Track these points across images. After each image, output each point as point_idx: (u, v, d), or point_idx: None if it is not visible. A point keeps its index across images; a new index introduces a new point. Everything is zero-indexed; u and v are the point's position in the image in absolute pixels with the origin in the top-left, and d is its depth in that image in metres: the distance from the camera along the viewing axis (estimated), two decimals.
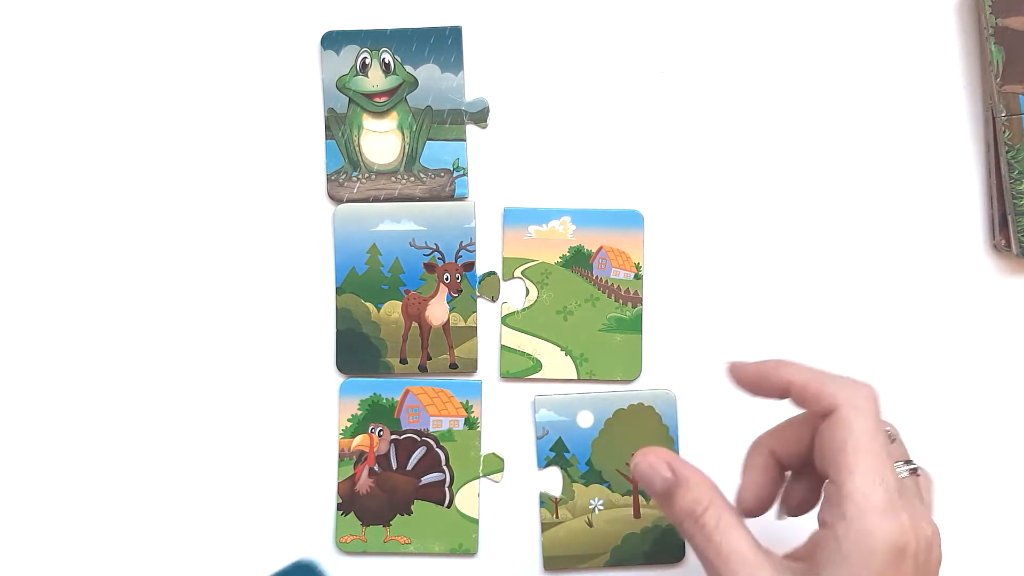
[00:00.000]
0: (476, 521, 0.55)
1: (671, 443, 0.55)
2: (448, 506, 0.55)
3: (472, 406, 0.55)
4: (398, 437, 0.55)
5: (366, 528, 0.55)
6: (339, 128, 0.55)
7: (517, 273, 0.56)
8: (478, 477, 0.55)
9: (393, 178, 0.56)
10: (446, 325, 0.56)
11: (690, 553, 0.55)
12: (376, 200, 0.56)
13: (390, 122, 0.56)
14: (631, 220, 0.56)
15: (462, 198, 0.56)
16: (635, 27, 0.56)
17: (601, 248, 0.56)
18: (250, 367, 0.56)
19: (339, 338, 0.56)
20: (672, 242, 0.56)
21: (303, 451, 0.56)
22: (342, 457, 0.55)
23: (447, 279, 0.56)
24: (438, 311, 0.56)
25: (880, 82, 0.56)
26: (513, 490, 0.56)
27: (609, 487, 0.55)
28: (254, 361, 0.56)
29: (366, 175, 0.56)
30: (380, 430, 0.55)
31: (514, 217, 0.56)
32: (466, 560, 0.55)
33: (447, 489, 0.55)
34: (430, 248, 0.56)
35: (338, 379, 0.56)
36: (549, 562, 0.55)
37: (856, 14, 0.57)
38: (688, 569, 0.55)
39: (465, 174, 0.56)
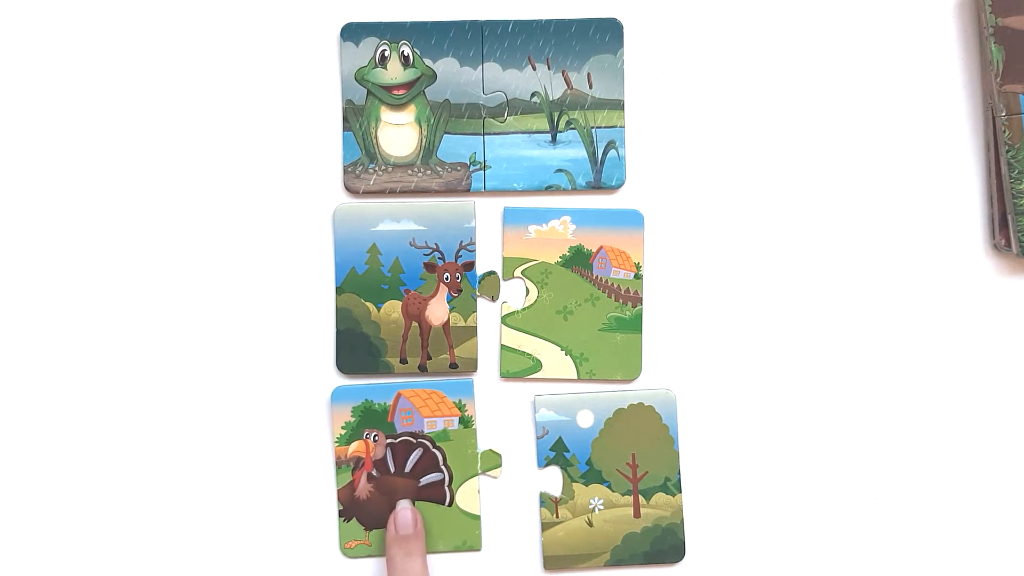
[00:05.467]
0: (478, 517, 0.55)
1: (671, 443, 0.55)
2: (449, 505, 0.55)
3: (466, 405, 0.55)
4: (394, 440, 0.55)
5: (369, 532, 0.55)
6: (356, 120, 0.55)
7: (517, 273, 0.56)
8: (477, 474, 0.55)
9: (410, 171, 0.56)
10: (446, 325, 0.56)
11: (690, 553, 0.55)
12: (392, 192, 0.56)
13: (408, 115, 0.56)
14: (631, 220, 0.56)
15: (479, 192, 0.56)
16: (635, 27, 0.56)
17: (601, 248, 0.56)
18: (250, 367, 0.55)
19: (339, 338, 0.55)
20: (672, 242, 0.56)
21: (302, 458, 0.55)
22: (339, 464, 0.55)
23: (447, 279, 0.56)
24: (438, 311, 0.56)
25: (880, 82, 0.56)
26: (513, 490, 0.56)
27: (609, 487, 0.55)
28: (254, 361, 0.55)
29: (383, 167, 0.56)
30: (375, 435, 0.55)
31: (514, 217, 0.56)
32: (471, 556, 0.55)
33: (447, 488, 0.55)
34: (430, 248, 0.56)
35: (339, 379, 0.56)
36: (549, 562, 0.55)
37: (856, 14, 0.57)
38: (688, 569, 0.55)
39: (482, 168, 0.56)
